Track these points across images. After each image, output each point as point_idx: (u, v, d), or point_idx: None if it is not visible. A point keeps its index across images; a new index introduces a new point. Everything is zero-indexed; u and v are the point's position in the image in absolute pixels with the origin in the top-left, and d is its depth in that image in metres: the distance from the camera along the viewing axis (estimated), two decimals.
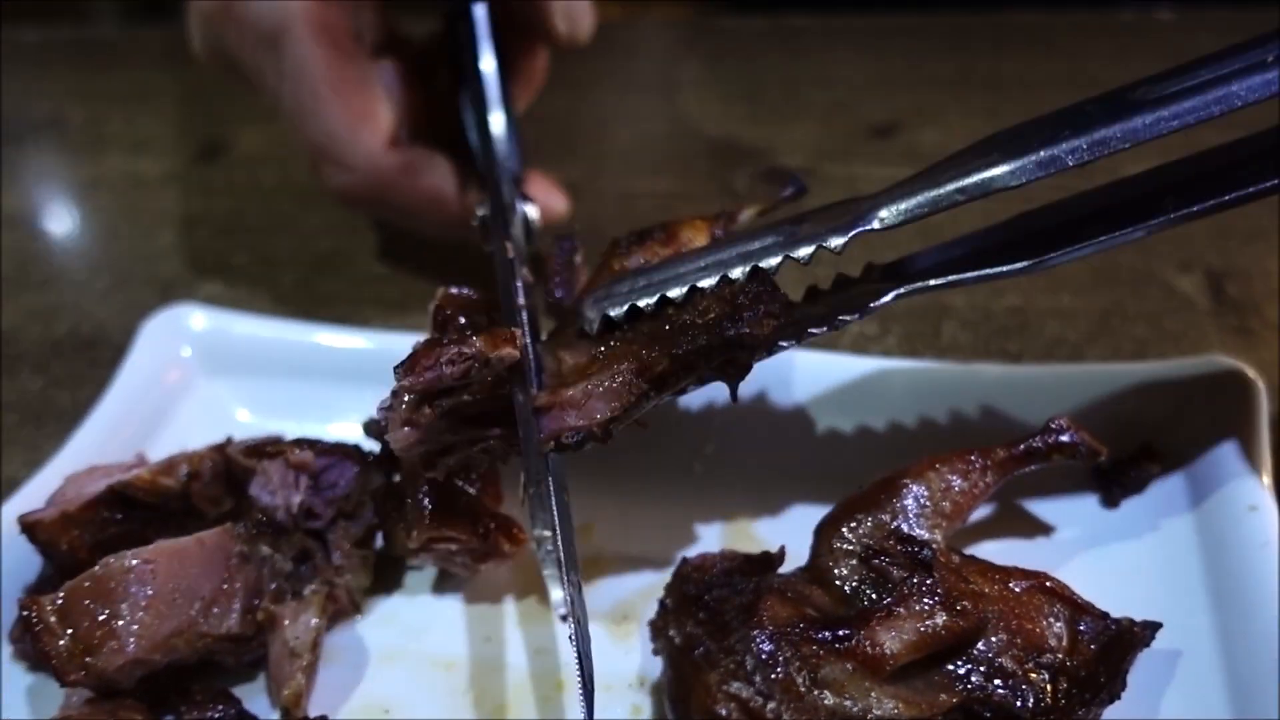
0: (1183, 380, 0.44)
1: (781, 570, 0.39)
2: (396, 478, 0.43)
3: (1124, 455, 0.43)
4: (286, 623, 0.39)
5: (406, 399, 0.37)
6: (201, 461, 0.40)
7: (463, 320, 0.40)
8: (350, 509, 0.42)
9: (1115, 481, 0.43)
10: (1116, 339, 0.54)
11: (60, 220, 0.73)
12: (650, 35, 0.84)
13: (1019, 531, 0.43)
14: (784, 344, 0.40)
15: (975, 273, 0.40)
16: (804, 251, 0.39)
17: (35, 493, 0.43)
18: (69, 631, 0.36)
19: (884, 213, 0.39)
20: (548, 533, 0.36)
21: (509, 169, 0.51)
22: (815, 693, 0.32)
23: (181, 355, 0.52)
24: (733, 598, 0.32)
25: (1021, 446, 0.40)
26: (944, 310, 0.57)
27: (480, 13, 0.53)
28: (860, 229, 0.39)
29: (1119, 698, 0.36)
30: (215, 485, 0.41)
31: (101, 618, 0.37)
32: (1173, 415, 0.43)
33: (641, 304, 0.40)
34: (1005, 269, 0.40)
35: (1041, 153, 0.40)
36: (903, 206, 0.39)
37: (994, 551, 0.42)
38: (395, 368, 0.38)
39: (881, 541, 0.37)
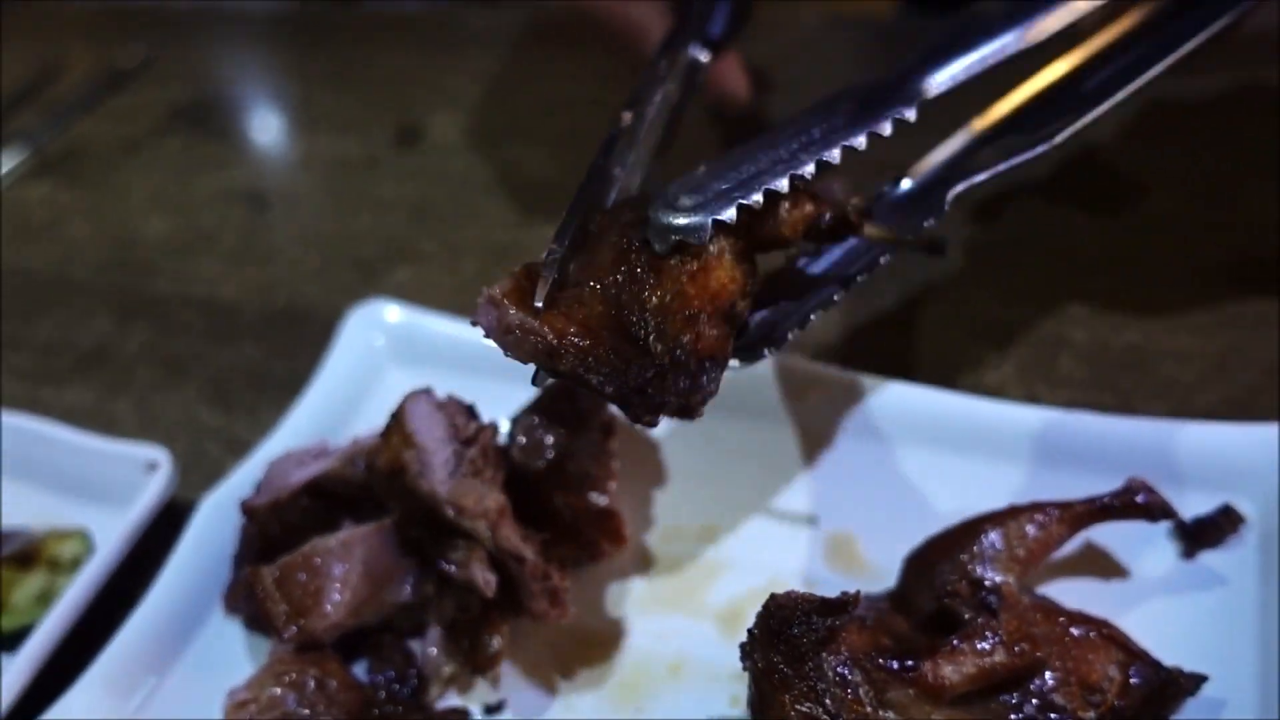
0: (1271, 441, 0.47)
1: (875, 591, 0.45)
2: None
3: (1205, 514, 0.47)
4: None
5: None
6: (375, 455, 0.48)
7: None
8: None
9: (1194, 536, 0.47)
10: (1229, 385, 0.57)
11: (277, 198, 0.82)
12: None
13: (1099, 572, 0.47)
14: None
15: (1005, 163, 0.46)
16: (859, 140, 0.43)
17: (249, 470, 0.53)
18: (285, 599, 0.45)
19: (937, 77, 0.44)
20: None
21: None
22: (879, 712, 0.38)
23: (375, 345, 0.60)
24: (809, 633, 0.38)
25: (1098, 503, 0.45)
26: (1061, 342, 0.60)
27: None
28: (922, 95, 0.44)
29: None
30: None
31: (312, 589, 0.46)
32: (1255, 476, 0.47)
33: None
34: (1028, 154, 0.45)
35: None
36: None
37: (1070, 589, 0.47)
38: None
39: (956, 583, 0.42)
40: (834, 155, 0.43)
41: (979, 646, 0.40)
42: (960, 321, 0.62)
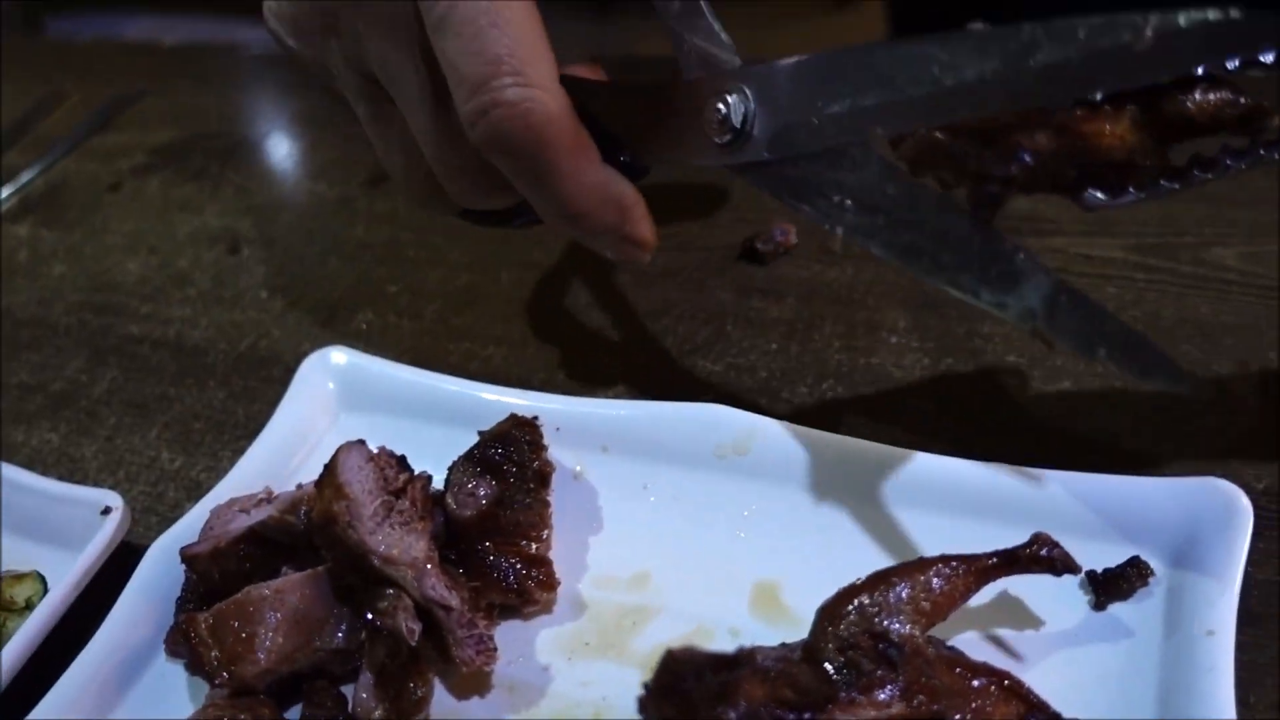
0: (1181, 496, 0.48)
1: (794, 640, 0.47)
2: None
3: (1115, 566, 0.48)
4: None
5: None
6: (311, 505, 0.49)
7: None
8: None
9: (1104, 588, 0.48)
10: (1157, 439, 0.57)
11: (251, 240, 0.84)
12: None
13: (1013, 623, 0.48)
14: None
15: None
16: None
17: (198, 514, 0.55)
18: (217, 645, 0.47)
19: None
20: None
21: None
22: None
23: (327, 391, 0.62)
24: (702, 688, 0.39)
25: (1004, 557, 0.46)
26: (995, 391, 0.61)
27: None
28: None
29: None
30: None
31: (243, 636, 0.47)
32: (1167, 530, 0.48)
33: None
34: None
35: None
36: None
37: (983, 640, 0.48)
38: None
39: (858, 636, 0.43)
40: (1233, 64, 0.38)
41: (877, 698, 0.41)
42: (895, 369, 0.63)
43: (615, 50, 0.60)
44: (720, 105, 0.47)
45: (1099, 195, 0.43)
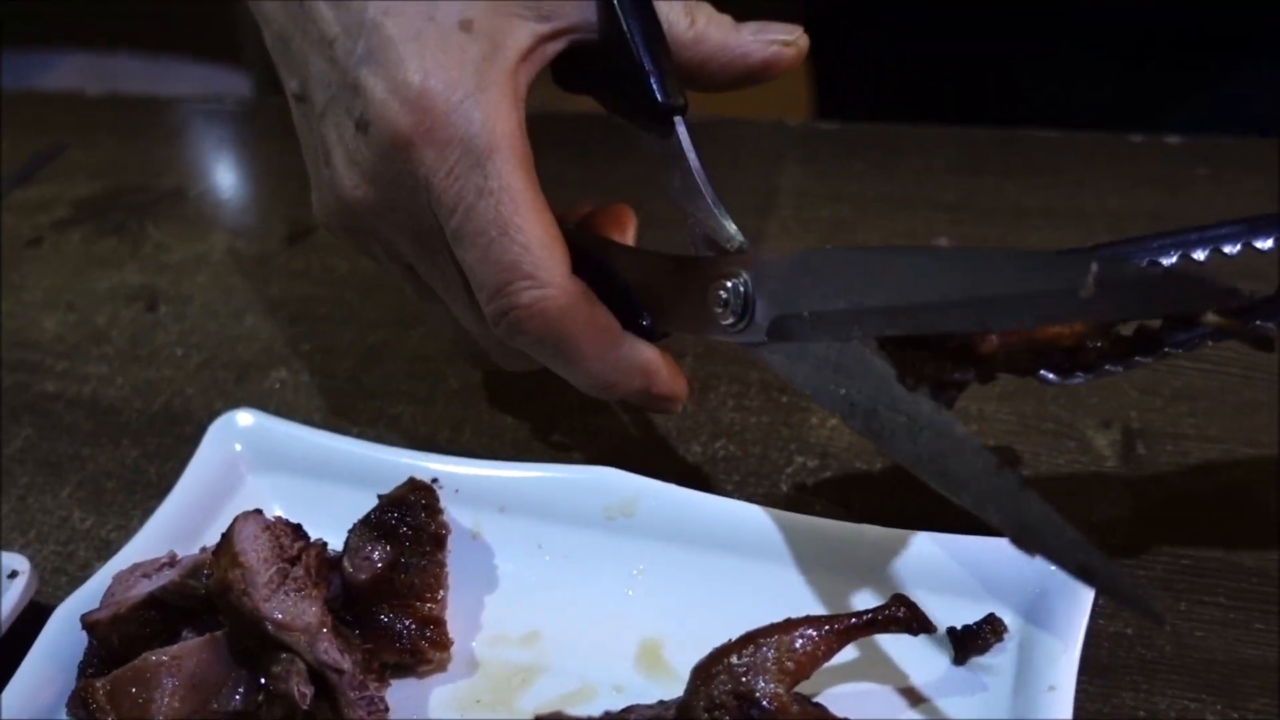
0: (1024, 557, 0.52)
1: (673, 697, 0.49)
2: None
3: (972, 623, 0.51)
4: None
5: None
6: (214, 584, 0.51)
7: None
8: None
9: (962, 643, 0.51)
10: None
11: (168, 297, 0.86)
12: None
13: (879, 678, 0.51)
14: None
15: None
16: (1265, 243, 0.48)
17: (104, 577, 0.56)
18: (115, 711, 0.49)
19: None
20: None
21: None
22: None
23: (234, 452, 0.64)
24: None
25: (864, 618, 0.49)
26: (878, 450, 0.65)
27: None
28: None
29: None
30: None
31: (140, 701, 0.49)
32: (1021, 587, 0.51)
33: None
34: None
35: None
36: None
37: (849, 694, 0.51)
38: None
39: (725, 696, 0.46)
40: (1199, 255, 0.48)
41: None
42: (787, 427, 0.66)
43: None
44: (723, 291, 0.53)
45: (1050, 376, 0.50)
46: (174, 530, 0.60)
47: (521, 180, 0.53)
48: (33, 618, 0.57)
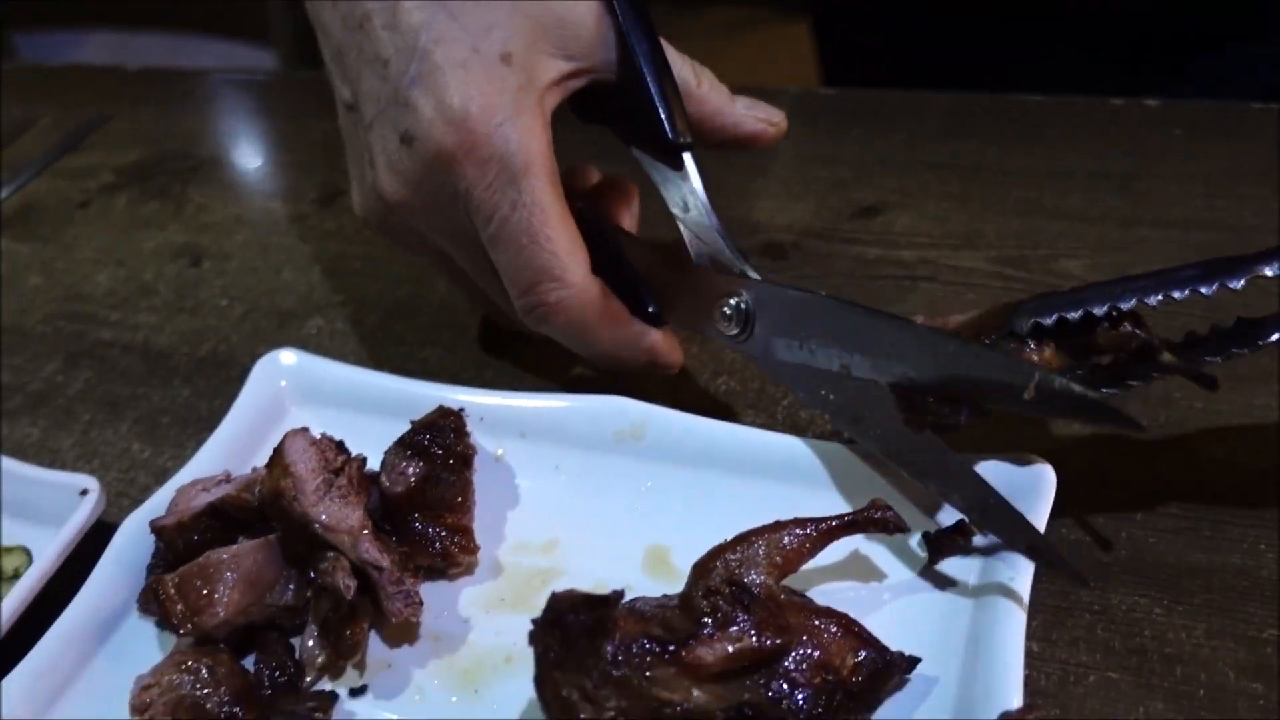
0: (1001, 470, 0.57)
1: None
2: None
3: (945, 527, 0.57)
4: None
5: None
6: (267, 491, 0.58)
7: None
8: None
9: (935, 546, 0.57)
10: (996, 424, 0.66)
11: (210, 254, 0.92)
12: None
13: (860, 577, 0.57)
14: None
15: None
16: (1206, 290, 0.53)
17: (165, 494, 0.63)
18: (183, 601, 0.55)
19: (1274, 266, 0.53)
20: None
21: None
22: (642, 684, 0.48)
23: (278, 387, 0.70)
24: (579, 622, 0.48)
25: (845, 519, 0.55)
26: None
27: None
28: (1256, 273, 0.53)
29: (874, 709, 0.51)
30: None
31: (204, 593, 0.55)
32: (988, 496, 0.57)
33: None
34: None
35: None
36: None
37: (833, 590, 0.57)
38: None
39: (720, 584, 0.52)
40: (1152, 301, 0.54)
41: (731, 633, 0.50)
42: None
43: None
44: (726, 308, 0.62)
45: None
46: (227, 453, 0.66)
47: (550, 195, 0.61)
48: (98, 535, 0.64)
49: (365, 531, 0.56)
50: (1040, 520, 0.55)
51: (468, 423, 0.64)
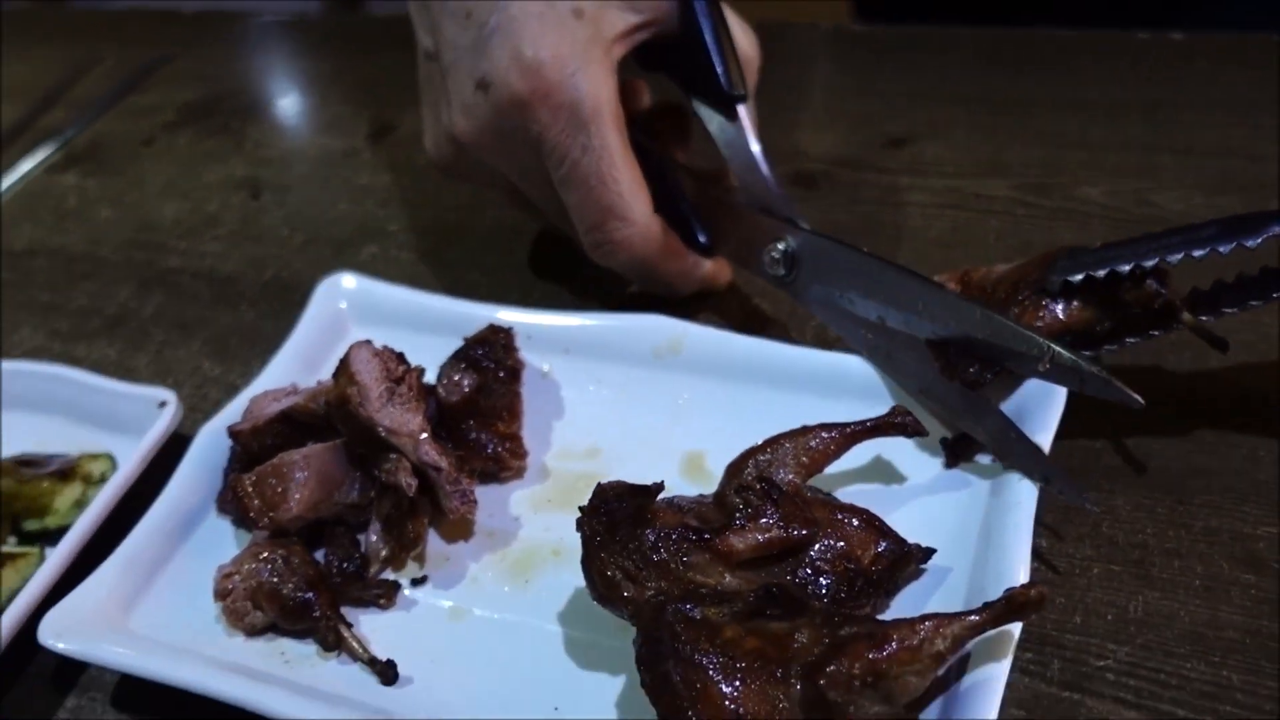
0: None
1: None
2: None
3: (962, 433, 0.61)
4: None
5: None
6: (329, 391, 0.63)
7: None
8: None
9: (953, 450, 0.61)
10: None
11: (270, 186, 0.97)
12: None
13: (882, 479, 0.62)
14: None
15: None
16: (1224, 249, 0.56)
17: (236, 406, 0.68)
18: (259, 497, 0.60)
19: None
20: None
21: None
22: (679, 568, 0.53)
23: (339, 309, 0.75)
24: (622, 509, 0.53)
25: (868, 423, 0.59)
26: None
27: None
28: (1273, 234, 0.55)
29: (892, 595, 0.55)
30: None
31: (279, 490, 0.61)
32: (1009, 430, 0.60)
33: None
34: None
35: None
36: None
37: (857, 490, 0.61)
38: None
39: (751, 481, 0.57)
40: (1174, 259, 0.57)
41: (761, 524, 0.55)
42: None
43: None
44: (775, 251, 0.67)
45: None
46: (293, 368, 0.71)
47: (616, 140, 0.66)
48: (174, 445, 0.69)
49: (424, 435, 0.61)
50: (1050, 431, 0.58)
51: (516, 339, 0.69)
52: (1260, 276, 0.59)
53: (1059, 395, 0.60)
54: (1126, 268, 0.58)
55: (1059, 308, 0.60)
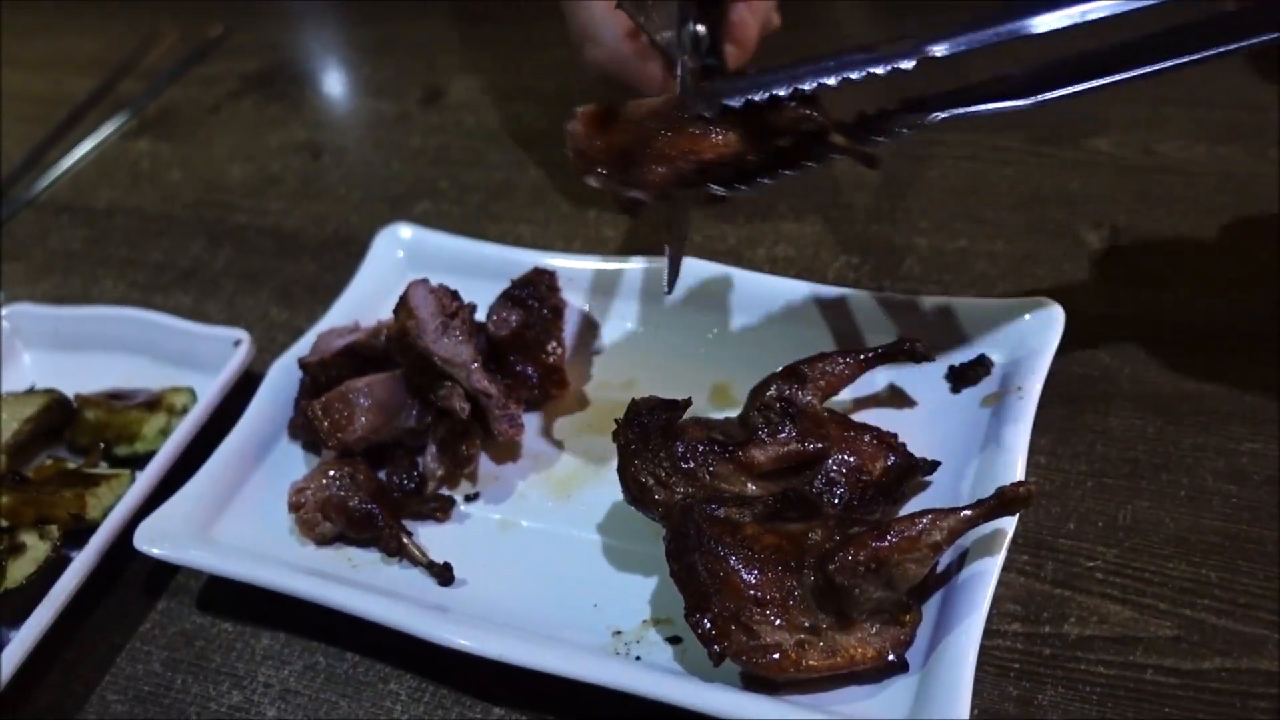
0: (1014, 310, 0.66)
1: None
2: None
3: (966, 360, 0.66)
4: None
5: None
6: (389, 326, 0.69)
7: None
8: None
9: (958, 377, 0.66)
10: (1022, 278, 0.76)
11: (329, 148, 1.04)
12: None
13: (895, 404, 0.67)
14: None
15: (990, 105, 0.58)
16: (880, 70, 0.56)
17: (304, 344, 0.74)
18: (327, 420, 0.67)
19: (942, 46, 0.56)
20: None
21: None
22: (705, 476, 0.59)
23: (396, 257, 0.81)
24: (654, 421, 0.59)
25: (880, 350, 0.64)
26: (909, 248, 0.79)
27: None
28: (925, 54, 0.55)
29: (900, 503, 0.61)
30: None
31: (345, 414, 0.67)
32: (1001, 335, 0.66)
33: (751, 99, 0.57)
34: (1011, 104, 0.57)
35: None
36: (958, 40, 0.55)
37: (873, 412, 0.67)
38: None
39: (773, 401, 0.62)
40: (831, 81, 0.57)
41: (780, 438, 0.60)
42: (835, 234, 0.81)
43: None
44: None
45: (717, 190, 0.61)
46: (355, 309, 0.78)
47: None
48: (247, 382, 0.76)
49: (476, 365, 0.67)
50: (1048, 355, 0.63)
51: (559, 281, 0.75)
52: (906, 105, 0.60)
53: (1057, 317, 0.64)
54: (785, 91, 0.57)
55: (713, 135, 0.59)
